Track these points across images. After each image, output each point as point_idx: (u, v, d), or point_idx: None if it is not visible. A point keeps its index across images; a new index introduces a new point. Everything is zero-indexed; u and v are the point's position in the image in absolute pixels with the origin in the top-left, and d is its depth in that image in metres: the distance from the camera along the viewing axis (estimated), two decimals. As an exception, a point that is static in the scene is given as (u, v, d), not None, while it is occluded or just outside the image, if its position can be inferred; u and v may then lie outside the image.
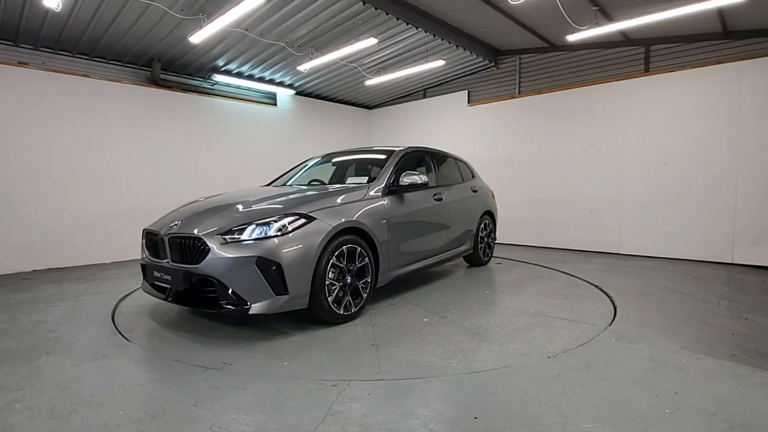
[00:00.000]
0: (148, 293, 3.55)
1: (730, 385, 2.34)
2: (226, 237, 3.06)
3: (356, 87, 8.76)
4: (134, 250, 6.64)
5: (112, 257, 6.50)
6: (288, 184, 4.81)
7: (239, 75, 7.61)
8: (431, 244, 4.65)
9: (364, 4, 5.38)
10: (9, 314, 3.80)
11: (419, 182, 4.17)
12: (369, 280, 3.65)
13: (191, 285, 3.11)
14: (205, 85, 7.58)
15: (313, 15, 5.61)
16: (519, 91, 8.00)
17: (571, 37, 5.91)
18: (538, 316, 3.68)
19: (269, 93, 8.47)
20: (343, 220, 3.41)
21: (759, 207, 5.72)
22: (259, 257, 2.97)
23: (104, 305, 4.07)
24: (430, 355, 2.86)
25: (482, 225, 5.73)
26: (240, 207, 3.45)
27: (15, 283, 5.08)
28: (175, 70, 7.22)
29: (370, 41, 6.03)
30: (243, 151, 8.01)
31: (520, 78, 7.99)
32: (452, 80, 8.92)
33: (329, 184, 4.65)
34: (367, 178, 4.35)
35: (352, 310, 3.51)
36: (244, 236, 3.06)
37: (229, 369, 2.64)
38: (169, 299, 3.31)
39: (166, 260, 3.29)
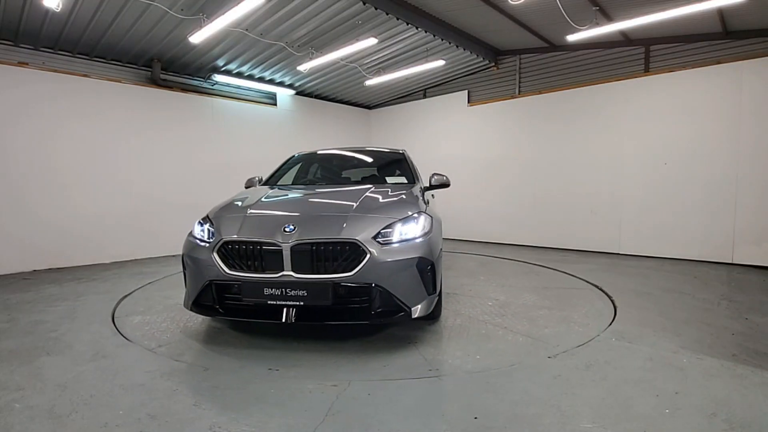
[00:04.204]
0: (227, 317, 2.96)
1: (730, 385, 2.34)
2: (379, 239, 2.82)
3: (356, 87, 8.76)
4: (134, 249, 6.68)
5: (112, 257, 6.49)
6: (284, 183, 4.52)
7: (239, 75, 7.61)
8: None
9: (364, 4, 5.38)
10: (9, 314, 3.80)
11: (447, 182, 4.24)
12: None
13: (338, 297, 2.76)
14: (205, 85, 7.58)
15: (313, 15, 5.61)
16: (519, 91, 8.00)
17: (571, 37, 5.91)
18: (556, 289, 4.63)
19: (269, 93, 8.47)
20: (435, 217, 3.44)
21: (759, 207, 5.72)
22: (420, 258, 2.86)
23: (104, 305, 4.07)
24: (554, 327, 3.36)
25: None
26: (349, 206, 3.12)
27: (15, 283, 5.08)
28: (175, 70, 7.22)
29: (370, 41, 6.02)
30: (243, 151, 8.01)
31: (520, 78, 7.98)
32: (452, 80, 8.91)
33: (333, 181, 4.55)
34: (403, 178, 4.30)
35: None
36: (395, 237, 2.88)
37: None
38: (293, 320, 2.76)
39: (281, 273, 2.76)
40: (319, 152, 5.05)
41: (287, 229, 2.81)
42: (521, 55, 7.89)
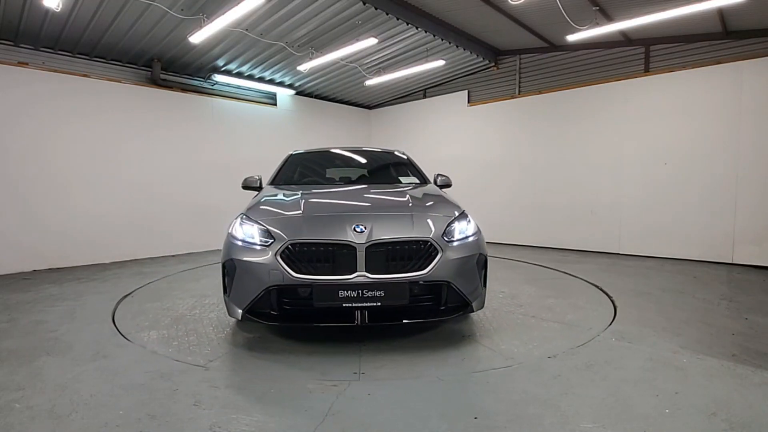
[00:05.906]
0: (285, 323, 2.84)
1: (730, 385, 2.34)
2: (445, 237, 2.90)
3: (356, 87, 8.76)
4: (134, 250, 6.68)
5: (112, 257, 6.49)
6: (295, 183, 4.25)
7: (239, 75, 7.61)
8: None
9: (364, 4, 5.38)
10: (9, 314, 3.80)
11: (450, 182, 4.30)
12: None
13: (412, 296, 2.76)
14: (205, 85, 7.58)
15: (313, 15, 5.61)
16: (519, 91, 8.00)
17: (571, 37, 5.91)
18: (563, 279, 4.92)
19: (269, 93, 8.47)
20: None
21: (759, 207, 5.72)
22: (480, 254, 2.98)
23: (104, 305, 4.07)
24: (573, 313, 3.65)
25: None
26: (406, 205, 3.18)
27: (15, 283, 5.08)
28: (175, 70, 7.22)
29: (370, 41, 6.02)
30: (243, 151, 8.01)
31: (520, 78, 7.98)
32: (452, 80, 8.91)
33: (333, 181, 4.42)
34: (414, 178, 4.32)
35: None
36: (456, 235, 2.96)
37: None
38: (366, 321, 2.73)
39: (356, 274, 2.67)
40: (322, 151, 4.87)
41: (358, 229, 2.74)
42: (521, 55, 7.89)
